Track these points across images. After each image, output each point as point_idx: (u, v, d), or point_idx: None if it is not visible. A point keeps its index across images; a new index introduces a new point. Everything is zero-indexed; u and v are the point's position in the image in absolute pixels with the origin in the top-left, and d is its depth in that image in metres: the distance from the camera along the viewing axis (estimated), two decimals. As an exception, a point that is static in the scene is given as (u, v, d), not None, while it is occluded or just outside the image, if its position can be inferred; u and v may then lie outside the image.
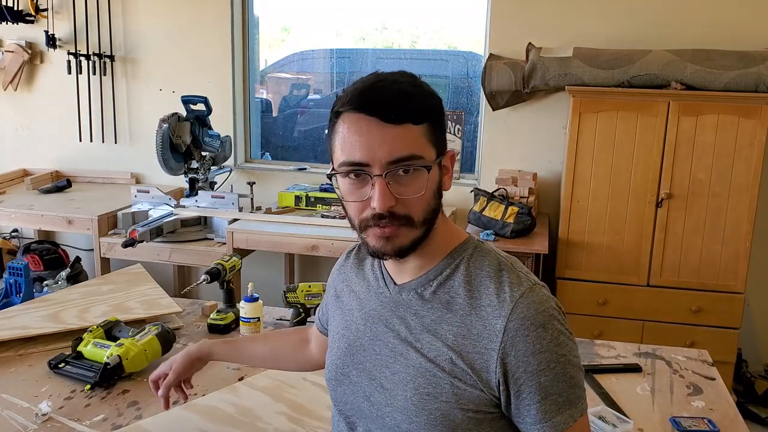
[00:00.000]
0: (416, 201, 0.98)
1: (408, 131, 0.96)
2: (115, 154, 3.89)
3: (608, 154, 2.91)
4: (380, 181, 0.96)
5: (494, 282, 1.01)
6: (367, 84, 0.99)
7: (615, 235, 2.97)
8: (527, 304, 0.98)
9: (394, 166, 0.96)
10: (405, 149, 0.96)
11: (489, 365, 0.97)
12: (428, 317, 1.03)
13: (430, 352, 1.01)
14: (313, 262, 3.74)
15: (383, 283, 1.11)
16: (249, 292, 1.80)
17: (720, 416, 1.58)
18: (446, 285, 1.04)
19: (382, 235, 0.99)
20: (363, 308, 1.13)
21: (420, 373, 1.01)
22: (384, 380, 1.06)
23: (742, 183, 2.82)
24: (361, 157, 0.96)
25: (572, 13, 3.22)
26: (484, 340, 0.98)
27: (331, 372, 1.15)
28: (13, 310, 2.02)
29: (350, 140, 0.97)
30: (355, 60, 4.07)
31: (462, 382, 0.98)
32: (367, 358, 1.09)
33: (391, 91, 0.97)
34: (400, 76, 1.01)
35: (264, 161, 3.95)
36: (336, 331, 1.18)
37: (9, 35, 3.86)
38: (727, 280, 2.91)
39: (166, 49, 3.72)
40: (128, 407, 1.56)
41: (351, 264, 1.21)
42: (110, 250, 3.12)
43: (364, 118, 0.96)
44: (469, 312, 1.01)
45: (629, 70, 2.91)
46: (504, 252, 1.09)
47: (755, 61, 2.82)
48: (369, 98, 0.97)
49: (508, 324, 0.97)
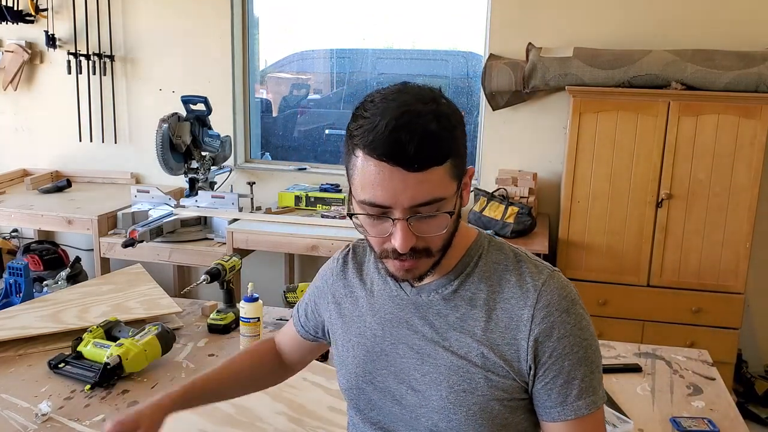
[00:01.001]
0: (437, 237, 0.98)
1: (432, 175, 0.93)
2: (115, 154, 3.89)
3: (608, 154, 2.91)
4: (402, 224, 0.95)
5: (514, 274, 1.04)
6: (389, 123, 0.92)
7: (615, 235, 2.97)
8: (550, 291, 1.01)
9: (417, 210, 0.95)
10: (428, 194, 0.94)
11: (520, 354, 1.00)
12: (452, 315, 1.05)
13: (460, 350, 1.02)
14: (313, 262, 3.73)
15: (398, 285, 1.10)
16: (249, 292, 1.80)
17: (720, 416, 1.58)
18: (467, 282, 1.05)
19: (402, 268, 1.00)
20: (377, 312, 1.12)
21: (453, 371, 1.02)
22: (414, 382, 1.06)
23: (743, 183, 2.82)
24: (382, 201, 0.94)
25: (572, 13, 3.22)
26: (512, 331, 1.01)
27: (350, 381, 1.13)
28: (13, 310, 2.02)
29: (371, 181, 0.94)
30: (355, 60, 4.07)
31: (495, 374, 1.01)
32: (390, 362, 1.09)
33: (415, 136, 0.91)
34: (423, 104, 0.94)
35: (264, 161, 3.95)
36: (347, 339, 1.15)
37: (9, 35, 3.86)
38: (727, 281, 2.91)
39: (166, 49, 3.72)
40: (128, 407, 1.55)
41: (351, 269, 1.19)
42: (110, 250, 3.11)
43: (386, 165, 0.92)
44: (493, 306, 1.03)
45: (629, 70, 2.91)
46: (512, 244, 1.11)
47: (755, 61, 2.82)
48: (390, 146, 0.92)
49: (534, 312, 1.00)
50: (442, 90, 1.00)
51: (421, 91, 0.97)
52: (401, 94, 0.96)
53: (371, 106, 0.95)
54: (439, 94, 0.99)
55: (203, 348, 1.89)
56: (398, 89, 0.97)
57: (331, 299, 1.21)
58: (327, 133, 4.10)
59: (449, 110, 0.97)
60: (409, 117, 0.92)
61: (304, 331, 1.31)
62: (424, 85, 1.00)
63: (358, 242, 1.23)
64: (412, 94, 0.96)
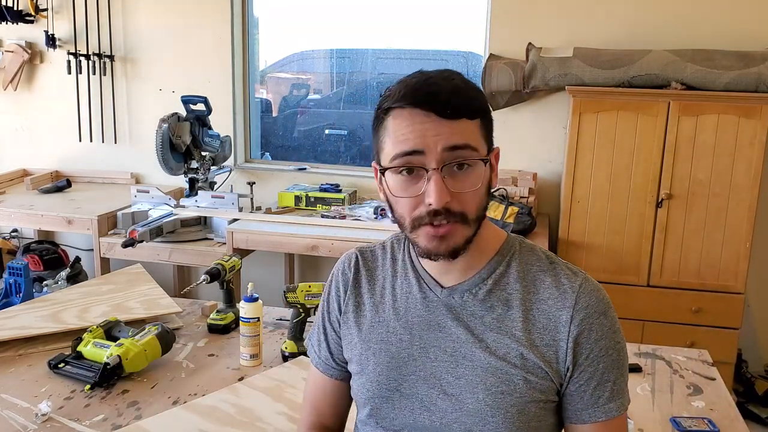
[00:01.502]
0: (471, 197, 0.97)
1: (464, 125, 0.95)
2: (115, 154, 3.89)
3: (608, 154, 2.91)
4: (436, 174, 0.94)
5: (549, 275, 1.04)
6: (420, 80, 0.97)
7: (615, 235, 2.97)
8: (588, 293, 1.02)
9: (451, 155, 0.94)
10: (461, 139, 0.95)
11: (559, 356, 1.00)
12: (488, 316, 1.03)
13: (498, 350, 1.01)
14: (313, 262, 3.74)
15: (426, 287, 1.07)
16: (249, 292, 1.79)
17: (720, 416, 1.58)
18: (501, 283, 1.04)
19: (436, 235, 0.97)
20: (402, 316, 1.07)
21: (490, 373, 1.00)
22: (447, 386, 1.02)
23: (743, 183, 2.82)
24: (415, 145, 0.94)
25: (572, 13, 3.22)
26: (551, 332, 1.00)
27: (371, 390, 1.08)
28: (12, 310, 2.02)
29: (404, 131, 0.95)
30: (355, 60, 4.07)
31: (534, 375, 1.00)
32: (420, 367, 1.05)
33: (446, 87, 0.95)
34: (450, 73, 0.99)
35: (264, 161, 3.95)
36: (366, 347, 1.09)
37: (9, 35, 3.86)
38: (727, 280, 2.91)
39: (166, 49, 3.72)
40: (128, 407, 1.55)
41: (363, 276, 1.14)
42: (110, 250, 3.11)
43: (419, 112, 0.94)
44: (529, 307, 1.02)
45: (629, 70, 2.91)
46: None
47: (755, 61, 2.82)
48: (425, 94, 0.95)
49: (574, 314, 1.00)
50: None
51: (448, 69, 1.01)
52: (424, 73, 0.99)
53: (401, 79, 0.99)
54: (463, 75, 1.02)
55: (203, 348, 1.89)
56: (420, 73, 1.00)
57: (345, 310, 1.14)
58: (327, 133, 4.10)
59: (475, 84, 1.01)
60: (437, 78, 0.97)
61: (337, 371, 1.18)
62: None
63: (362, 249, 1.19)
64: (440, 69, 1.00)
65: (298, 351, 1.81)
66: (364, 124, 4.05)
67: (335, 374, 1.18)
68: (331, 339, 1.17)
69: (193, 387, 1.66)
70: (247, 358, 1.78)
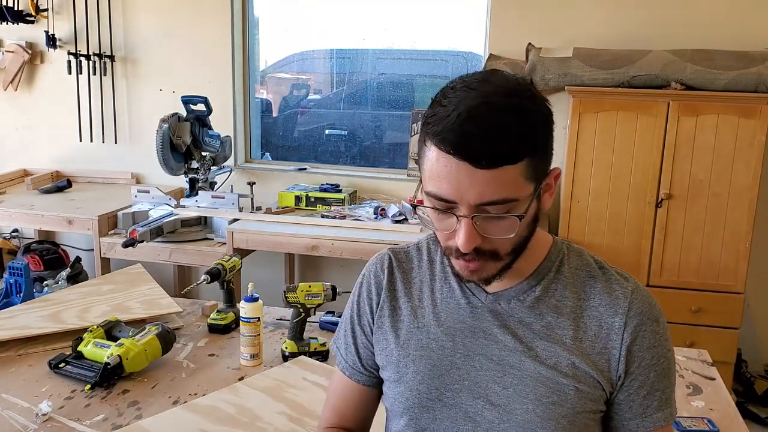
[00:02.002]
0: (504, 240, 0.91)
1: (503, 173, 0.86)
2: (116, 154, 3.90)
3: (608, 154, 2.92)
4: (466, 222, 0.88)
5: (600, 281, 1.00)
6: (462, 114, 0.85)
7: (615, 235, 2.97)
8: (641, 299, 0.98)
9: (484, 208, 0.88)
10: (497, 194, 0.87)
11: (611, 364, 0.96)
12: (537, 324, 0.98)
13: (549, 359, 0.96)
14: (313, 262, 3.74)
15: (470, 292, 1.03)
16: (249, 292, 1.80)
17: (720, 416, 1.58)
18: (550, 289, 1.00)
19: (467, 268, 0.94)
20: (444, 322, 1.02)
21: (540, 383, 0.96)
22: (493, 396, 0.98)
23: (742, 183, 2.83)
24: (448, 195, 0.88)
25: (572, 13, 3.22)
26: (602, 340, 0.97)
27: (410, 400, 1.02)
28: (13, 310, 2.03)
29: (437, 173, 0.88)
30: (355, 60, 4.08)
31: (585, 384, 0.96)
32: (464, 375, 1.00)
33: (488, 131, 0.85)
34: (504, 96, 0.87)
35: (264, 161, 3.96)
36: (404, 354, 1.04)
37: (9, 35, 3.86)
38: (727, 280, 2.91)
39: (166, 49, 3.72)
40: (128, 407, 1.56)
41: (398, 279, 1.10)
42: (110, 250, 3.12)
43: (453, 159, 0.86)
44: (580, 313, 0.98)
45: (629, 70, 2.91)
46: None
47: (755, 62, 2.82)
48: (460, 139, 0.85)
49: (627, 320, 0.96)
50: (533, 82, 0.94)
51: (507, 83, 0.89)
52: (483, 84, 0.89)
53: (450, 93, 0.89)
54: (526, 87, 0.91)
55: (203, 348, 1.89)
56: (483, 77, 0.90)
57: (379, 314, 1.09)
58: (327, 133, 4.10)
59: (532, 106, 0.89)
60: (484, 109, 0.85)
61: (366, 377, 1.13)
62: (513, 76, 0.92)
63: (395, 250, 1.14)
64: (496, 85, 0.88)
65: (298, 351, 1.81)
66: (364, 125, 4.06)
67: (362, 380, 1.13)
68: (361, 343, 1.12)
69: (193, 387, 1.66)
70: (248, 358, 1.78)
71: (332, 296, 1.87)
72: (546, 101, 0.92)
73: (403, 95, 3.91)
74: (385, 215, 3.12)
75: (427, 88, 3.90)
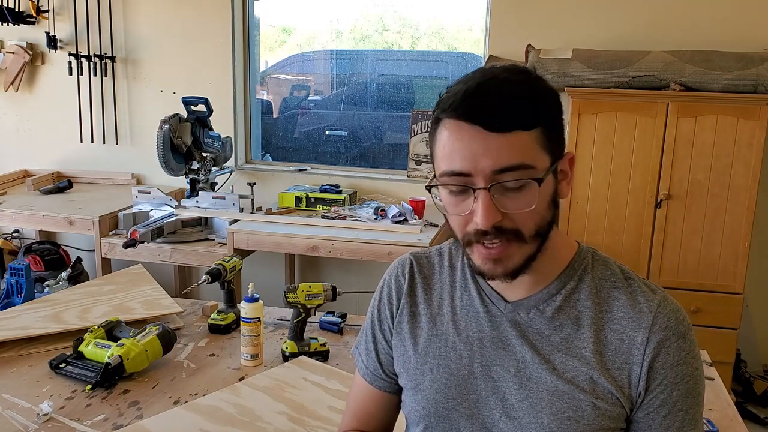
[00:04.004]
0: (526, 215, 0.88)
1: (517, 139, 0.85)
2: (116, 155, 3.90)
3: (607, 155, 2.92)
4: (484, 194, 0.85)
5: (624, 292, 0.96)
6: (471, 86, 0.87)
7: (614, 235, 2.97)
8: (666, 314, 0.93)
9: (500, 176, 0.85)
10: (513, 158, 0.85)
11: (632, 380, 0.92)
12: (556, 336, 0.95)
13: (566, 373, 0.93)
14: (314, 262, 3.74)
15: (489, 301, 1.00)
16: (249, 293, 1.80)
17: (719, 416, 1.59)
18: (572, 299, 0.96)
19: (489, 257, 0.90)
20: (463, 331, 1.00)
21: (557, 397, 0.93)
22: (509, 409, 0.95)
23: (741, 184, 2.83)
24: (462, 167, 0.86)
25: (571, 14, 3.23)
26: (623, 354, 0.93)
27: (427, 408, 1.01)
28: (14, 310, 2.03)
29: (451, 148, 0.87)
30: (355, 61, 4.08)
31: (603, 401, 0.92)
32: (481, 386, 0.97)
33: (498, 96, 0.86)
34: (511, 73, 0.89)
35: (264, 162, 3.96)
36: (422, 362, 1.02)
37: (10, 36, 3.87)
38: (726, 281, 2.91)
39: (166, 50, 3.73)
40: (129, 407, 1.56)
41: (419, 285, 1.07)
42: (111, 250, 3.12)
43: (466, 126, 0.85)
44: (601, 326, 0.94)
45: (628, 71, 2.92)
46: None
47: (754, 63, 2.82)
48: (471, 105, 0.85)
49: (650, 336, 0.92)
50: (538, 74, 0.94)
51: (515, 66, 0.92)
52: (489, 69, 0.90)
53: (461, 79, 0.91)
54: (533, 70, 0.93)
55: (204, 348, 1.89)
56: (487, 66, 0.92)
57: (399, 320, 1.07)
58: (327, 134, 4.11)
59: (540, 83, 0.91)
60: (493, 83, 0.87)
61: (385, 383, 1.11)
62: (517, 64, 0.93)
63: (417, 254, 1.11)
64: (503, 68, 0.91)
65: (298, 351, 1.82)
66: (364, 125, 4.06)
67: (383, 386, 1.11)
68: (381, 349, 1.10)
69: (194, 387, 1.67)
70: (248, 358, 1.78)
71: (332, 296, 1.88)
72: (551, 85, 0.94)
73: (402, 96, 3.92)
74: (385, 216, 3.12)
75: (426, 89, 3.90)
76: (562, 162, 0.94)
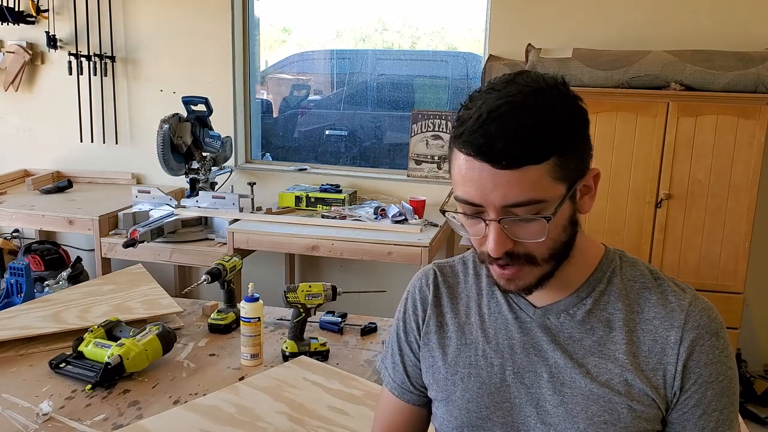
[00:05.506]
0: (538, 242, 0.88)
1: (526, 174, 0.84)
2: (116, 154, 3.90)
3: (607, 154, 2.92)
4: (494, 226, 0.86)
5: (655, 293, 0.95)
6: (483, 113, 0.85)
7: (614, 235, 2.97)
8: (699, 312, 0.93)
9: (510, 210, 0.86)
10: (522, 194, 0.84)
11: (667, 380, 0.92)
12: (588, 339, 0.94)
13: (601, 376, 0.92)
14: (314, 262, 3.74)
15: (517, 307, 0.99)
16: (249, 292, 1.80)
17: (718, 416, 1.58)
18: (602, 302, 0.96)
19: (502, 276, 0.91)
20: (492, 339, 0.99)
21: (592, 401, 0.92)
22: (544, 415, 0.95)
23: (742, 183, 2.83)
24: (473, 199, 0.87)
25: (572, 14, 3.23)
26: (657, 355, 0.92)
27: (460, 419, 0.99)
28: (14, 310, 2.03)
29: (463, 178, 0.87)
30: (355, 61, 4.08)
31: (639, 403, 0.91)
32: (514, 394, 0.97)
33: (508, 129, 0.83)
34: (531, 94, 0.85)
35: (264, 162, 3.96)
36: (452, 372, 1.02)
37: (10, 36, 3.87)
38: (727, 281, 2.91)
39: (166, 50, 3.73)
40: (129, 407, 1.56)
41: (444, 295, 1.07)
42: (111, 250, 3.12)
43: (475, 162, 0.85)
44: (633, 327, 0.94)
45: (628, 70, 2.92)
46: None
47: (754, 62, 2.82)
48: (479, 141, 0.84)
49: (683, 335, 0.92)
50: (565, 81, 0.90)
51: (533, 83, 0.88)
52: (508, 85, 0.87)
53: (476, 97, 0.89)
54: (553, 85, 0.88)
55: (204, 348, 1.89)
56: (509, 78, 0.89)
57: (426, 331, 1.06)
58: (327, 134, 4.11)
59: (559, 103, 0.87)
60: (505, 109, 0.84)
61: (416, 394, 1.10)
62: (543, 75, 0.89)
63: (440, 264, 1.10)
64: (521, 85, 0.87)
65: (298, 351, 1.82)
66: (364, 125, 4.06)
67: (412, 399, 1.10)
68: (408, 361, 1.09)
69: (193, 386, 1.67)
70: (248, 358, 1.78)
71: (332, 296, 1.88)
72: (578, 99, 0.90)
73: (403, 96, 3.92)
74: (385, 215, 3.12)
75: (426, 89, 3.91)
76: (587, 178, 0.92)
